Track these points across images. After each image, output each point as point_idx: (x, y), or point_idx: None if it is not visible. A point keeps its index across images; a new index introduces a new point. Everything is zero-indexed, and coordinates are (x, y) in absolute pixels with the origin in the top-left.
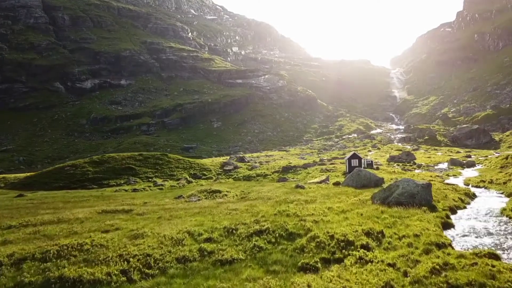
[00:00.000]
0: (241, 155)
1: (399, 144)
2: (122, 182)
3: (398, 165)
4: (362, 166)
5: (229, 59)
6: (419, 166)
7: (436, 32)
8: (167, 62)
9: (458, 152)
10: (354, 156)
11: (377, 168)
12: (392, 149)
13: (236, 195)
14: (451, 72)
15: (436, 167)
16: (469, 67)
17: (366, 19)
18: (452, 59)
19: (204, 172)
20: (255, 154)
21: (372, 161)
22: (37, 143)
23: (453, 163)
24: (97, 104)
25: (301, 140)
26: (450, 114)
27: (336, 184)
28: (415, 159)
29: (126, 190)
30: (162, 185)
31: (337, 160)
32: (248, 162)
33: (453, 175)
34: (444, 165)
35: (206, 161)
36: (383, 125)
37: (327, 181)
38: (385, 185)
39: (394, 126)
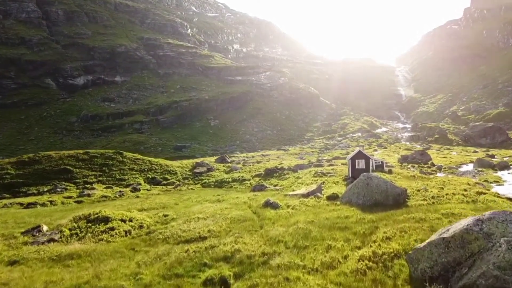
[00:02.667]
0: (223, 155)
1: (407, 143)
2: (45, 189)
3: (413, 166)
4: (370, 168)
5: (229, 56)
6: (440, 169)
7: (443, 29)
8: (164, 59)
9: (475, 151)
10: (359, 155)
11: (390, 171)
12: (400, 148)
13: (134, 228)
14: (459, 69)
15: (460, 169)
16: (478, 64)
17: (370, 17)
18: (460, 56)
19: (167, 176)
20: (250, 154)
21: (383, 162)
22: (22, 141)
23: (481, 164)
24: (89, 101)
25: (302, 139)
26: (459, 112)
27: (332, 198)
28: (431, 159)
29: (22, 204)
30: (89, 194)
31: (338, 160)
32: (229, 163)
33: (495, 181)
34: (469, 167)
35: (174, 163)
36: (388, 123)
37: (319, 193)
38: (410, 202)
39: (400, 125)
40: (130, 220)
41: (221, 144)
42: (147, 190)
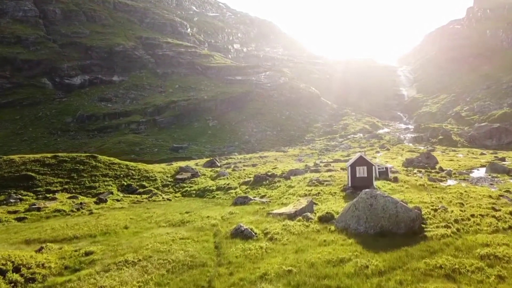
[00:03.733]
0: (213, 158)
1: (410, 144)
2: None
3: (419, 171)
4: (373, 176)
5: (230, 56)
6: (450, 174)
7: (445, 29)
8: (163, 58)
9: (482, 154)
10: (361, 161)
11: (395, 179)
12: (403, 150)
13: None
14: (462, 69)
15: (472, 175)
16: (481, 64)
17: (372, 17)
18: (463, 56)
19: (144, 183)
20: (248, 155)
21: (387, 168)
22: (15, 142)
23: (494, 169)
24: (85, 101)
25: (303, 140)
26: (463, 112)
27: (325, 219)
28: (437, 162)
29: None
30: (40, 208)
31: (338, 163)
32: (218, 167)
33: None
34: (481, 172)
35: (156, 168)
36: (390, 124)
37: (309, 212)
38: (429, 231)
39: (403, 126)
40: (17, 270)
41: (220, 145)
42: (117, 200)
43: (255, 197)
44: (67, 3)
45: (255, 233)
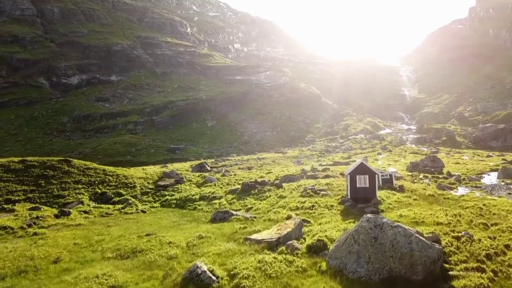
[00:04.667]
0: (202, 162)
1: (413, 145)
2: None
3: (425, 177)
4: (376, 186)
5: (230, 56)
6: (459, 180)
7: (447, 29)
8: (162, 58)
9: (488, 156)
10: (361, 168)
11: (401, 188)
12: (406, 151)
13: None
14: (464, 69)
15: (483, 180)
16: (483, 64)
17: (373, 17)
18: (465, 56)
19: (121, 191)
20: (245, 157)
21: (391, 175)
22: (9, 142)
23: (508, 175)
24: (82, 101)
25: (303, 141)
26: (466, 113)
27: (315, 250)
28: (443, 166)
29: None
30: None
31: (338, 167)
32: (208, 171)
33: None
34: (492, 178)
35: (137, 173)
36: (392, 124)
37: (296, 240)
38: (456, 277)
39: (405, 126)
40: None
41: (218, 145)
42: (84, 212)
43: (239, 210)
44: (65, 2)
45: (217, 277)
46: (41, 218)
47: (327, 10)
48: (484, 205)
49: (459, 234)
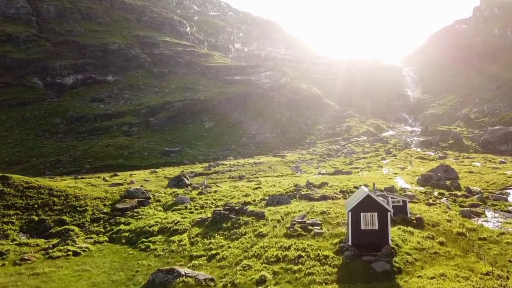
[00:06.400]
0: (181, 174)
1: (419, 149)
2: None
3: (441, 194)
4: (389, 226)
5: (230, 55)
6: (483, 200)
7: (451, 28)
8: (160, 57)
9: (502, 162)
10: (368, 203)
11: (419, 222)
12: (411, 156)
13: None
14: (468, 69)
15: (510, 198)
16: (489, 64)
17: (376, 16)
18: (469, 56)
19: (65, 217)
20: (242, 161)
21: (406, 202)
22: None
23: None
24: (76, 101)
25: (303, 143)
26: (472, 114)
27: None
28: (457, 177)
29: None
30: None
31: (338, 177)
32: (186, 186)
33: None
34: None
35: (93, 192)
36: (396, 126)
37: None
38: None
39: (409, 128)
40: None
41: (215, 148)
42: None
43: (198, 258)
44: (62, 1)
45: None
46: None
47: (330, 10)
48: None
49: None
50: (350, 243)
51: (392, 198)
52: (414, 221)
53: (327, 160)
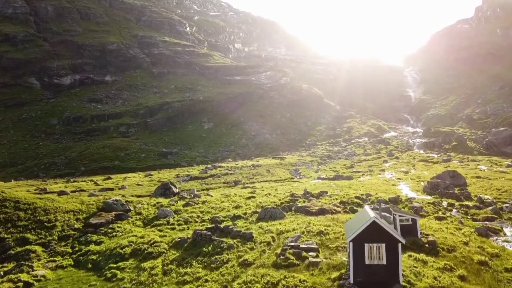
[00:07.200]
0: (169, 182)
1: (421, 151)
2: None
3: (451, 205)
4: (399, 260)
5: (230, 56)
6: (497, 212)
7: (453, 28)
8: (159, 57)
9: (508, 165)
10: (374, 231)
11: (432, 247)
12: (414, 158)
13: None
14: (471, 70)
15: None
16: (491, 64)
17: (377, 16)
18: (472, 56)
19: (28, 235)
20: (240, 163)
21: (416, 221)
22: None
23: None
24: (74, 102)
25: (304, 144)
26: (475, 115)
27: None
28: (466, 183)
29: None
30: None
31: (339, 182)
32: (174, 195)
33: None
34: None
35: (68, 203)
36: (397, 127)
37: None
38: None
39: (411, 129)
40: None
41: (214, 149)
42: None
43: None
44: (60, 0)
45: None
46: None
47: (330, 10)
48: None
49: None
50: (351, 280)
51: (400, 216)
52: (427, 245)
53: (327, 162)
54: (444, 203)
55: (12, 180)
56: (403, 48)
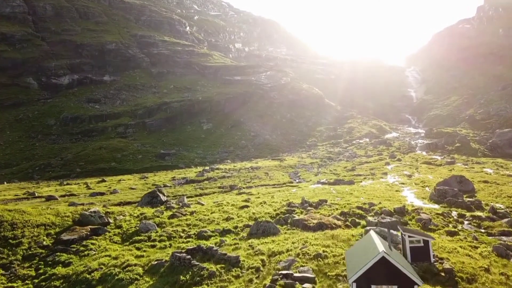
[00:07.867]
0: (157, 189)
1: (424, 153)
2: None
3: (461, 216)
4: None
5: (231, 55)
6: None
7: (455, 28)
8: (158, 57)
9: None
10: (383, 270)
11: (449, 277)
12: (417, 160)
13: None
14: (473, 70)
15: None
16: (494, 64)
17: (378, 16)
18: (474, 56)
19: None
20: (238, 165)
21: (428, 243)
22: None
23: None
24: (71, 102)
25: (304, 145)
26: (477, 116)
27: None
28: (474, 190)
29: None
30: None
31: (339, 186)
32: (161, 203)
33: None
34: None
35: (41, 216)
36: (399, 128)
37: None
38: None
39: (412, 130)
40: None
41: (213, 150)
42: None
43: None
44: None
45: None
46: None
47: (331, 10)
48: None
49: None
50: None
51: (409, 236)
52: (442, 274)
53: (328, 164)
54: (454, 214)
55: (5, 183)
56: (405, 48)
